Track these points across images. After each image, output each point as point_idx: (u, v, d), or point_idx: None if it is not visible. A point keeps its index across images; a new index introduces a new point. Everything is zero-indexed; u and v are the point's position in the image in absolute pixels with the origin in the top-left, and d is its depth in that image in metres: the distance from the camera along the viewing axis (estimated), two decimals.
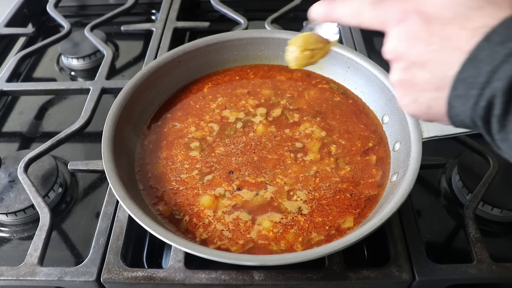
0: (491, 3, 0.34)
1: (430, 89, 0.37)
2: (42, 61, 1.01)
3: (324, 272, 0.54)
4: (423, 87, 0.37)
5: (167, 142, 0.66)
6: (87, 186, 0.72)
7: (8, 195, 0.67)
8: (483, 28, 0.33)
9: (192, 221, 0.57)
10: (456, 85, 0.34)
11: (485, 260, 0.55)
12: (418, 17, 0.36)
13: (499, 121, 0.32)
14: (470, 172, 0.67)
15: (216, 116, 0.70)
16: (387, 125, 0.66)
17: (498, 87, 0.31)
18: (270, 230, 0.56)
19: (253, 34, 0.75)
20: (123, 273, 0.54)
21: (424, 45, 0.36)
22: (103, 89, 0.80)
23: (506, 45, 0.31)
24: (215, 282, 0.53)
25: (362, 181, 0.61)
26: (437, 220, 0.66)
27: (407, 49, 0.37)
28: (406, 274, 0.53)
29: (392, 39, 0.38)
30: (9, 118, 0.87)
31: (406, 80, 0.38)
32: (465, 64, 0.33)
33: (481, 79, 0.32)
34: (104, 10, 1.04)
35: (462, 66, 0.33)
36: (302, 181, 0.61)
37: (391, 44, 0.39)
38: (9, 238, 0.66)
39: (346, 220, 0.57)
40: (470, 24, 0.34)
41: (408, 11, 0.37)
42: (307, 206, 0.58)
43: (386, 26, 0.39)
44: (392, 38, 0.39)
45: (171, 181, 0.61)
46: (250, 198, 0.59)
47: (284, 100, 0.72)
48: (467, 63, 0.33)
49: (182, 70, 0.73)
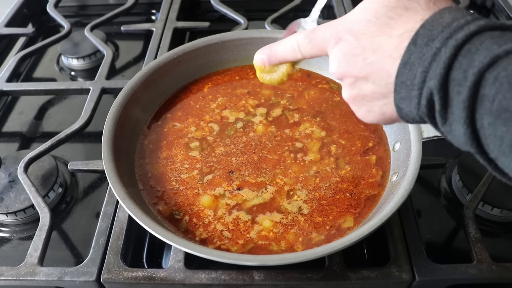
0: (407, 9, 0.37)
1: (378, 97, 0.40)
2: (42, 61, 1.01)
3: (324, 272, 0.54)
4: (371, 97, 0.40)
5: (167, 142, 0.66)
6: (87, 186, 0.72)
7: (8, 195, 0.67)
8: (407, 33, 0.36)
9: (192, 221, 0.57)
10: (398, 89, 0.37)
11: (485, 260, 0.55)
12: (349, 35, 0.39)
13: (441, 115, 0.34)
14: (470, 172, 0.67)
15: (216, 116, 0.70)
16: (387, 125, 0.66)
17: (432, 85, 0.33)
18: (270, 230, 0.56)
19: (253, 34, 0.75)
20: (123, 273, 0.54)
21: (361, 60, 0.39)
22: (103, 89, 0.80)
23: (431, 45, 0.34)
24: (215, 282, 0.53)
25: (362, 181, 0.61)
26: (437, 220, 0.66)
27: (348, 67, 0.40)
28: (406, 274, 0.53)
29: (333, 61, 0.42)
30: (9, 118, 0.87)
31: (355, 94, 0.42)
32: (400, 69, 0.36)
33: (417, 80, 0.35)
34: (104, 10, 1.04)
35: (398, 71, 0.36)
36: (302, 181, 0.61)
37: (333, 66, 0.42)
38: (9, 238, 0.66)
39: (346, 220, 0.57)
40: (395, 32, 0.37)
41: (339, 31, 0.40)
42: (307, 206, 0.58)
43: (325, 50, 0.43)
44: (333, 59, 0.42)
45: (171, 181, 0.61)
46: (250, 198, 0.59)
47: (284, 100, 0.72)
48: (402, 68, 0.36)
49: (182, 70, 0.73)
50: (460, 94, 0.32)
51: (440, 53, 0.33)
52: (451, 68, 0.33)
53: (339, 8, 1.01)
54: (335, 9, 1.01)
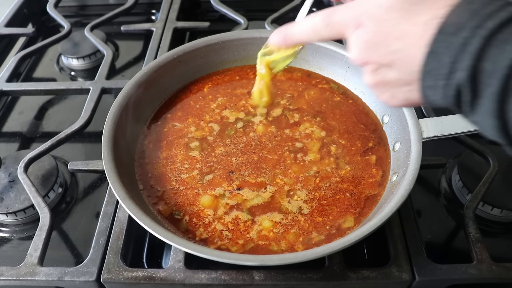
0: None
1: (402, 84, 0.39)
2: (42, 61, 1.01)
3: (324, 272, 0.54)
4: (396, 83, 0.39)
5: (167, 142, 0.66)
6: (87, 186, 0.72)
7: (8, 195, 0.67)
8: (433, 20, 0.34)
9: (192, 221, 0.57)
10: (424, 78, 0.36)
11: (485, 260, 0.55)
12: (370, 21, 0.38)
13: (469, 106, 0.34)
14: (470, 172, 0.67)
15: (216, 116, 0.70)
16: (387, 125, 0.66)
17: (462, 77, 0.32)
18: (271, 230, 0.56)
19: (253, 34, 0.75)
20: (123, 273, 0.54)
21: (384, 47, 0.37)
22: (103, 89, 0.80)
23: (459, 35, 0.32)
24: (215, 282, 0.53)
25: (362, 181, 0.61)
26: (437, 220, 0.66)
27: (370, 54, 0.39)
28: (406, 274, 0.53)
29: (353, 47, 0.40)
30: (9, 118, 0.87)
31: (378, 81, 0.41)
32: (427, 58, 0.35)
33: (445, 71, 0.34)
34: (104, 10, 1.04)
35: (425, 60, 0.35)
36: (302, 181, 0.61)
37: (354, 52, 0.40)
38: (9, 238, 0.66)
39: (347, 220, 0.57)
40: (419, 19, 0.35)
41: (359, 15, 0.38)
42: (307, 206, 0.58)
43: (344, 34, 0.41)
44: (353, 45, 0.40)
45: (171, 181, 0.61)
46: (250, 198, 0.59)
47: (284, 100, 0.72)
48: (429, 57, 0.34)
49: (182, 70, 0.73)
50: (490, 86, 0.31)
51: (469, 43, 0.32)
52: (480, 59, 0.31)
53: None
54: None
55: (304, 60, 0.75)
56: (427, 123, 0.58)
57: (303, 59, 0.75)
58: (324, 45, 0.72)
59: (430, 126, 0.58)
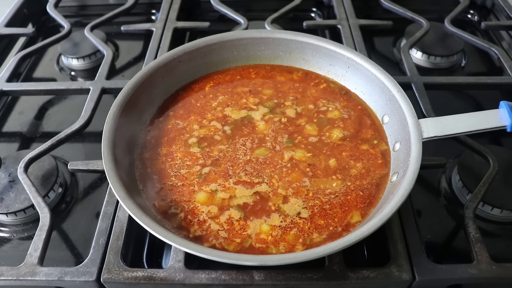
0: None
1: None
2: (42, 61, 1.01)
3: (324, 272, 0.54)
4: None
5: (167, 140, 0.66)
6: (87, 186, 0.72)
7: (8, 195, 0.67)
8: None
9: (187, 218, 0.57)
10: None
11: (485, 260, 0.55)
12: None
13: None
14: (470, 172, 0.67)
15: (217, 114, 0.70)
16: (387, 125, 0.66)
17: None
18: (269, 233, 0.56)
19: (253, 34, 0.75)
20: (123, 273, 0.54)
21: None
22: (103, 89, 0.80)
23: None
24: (215, 282, 0.53)
25: (371, 168, 0.61)
26: (437, 220, 0.66)
27: None
28: (406, 274, 0.53)
29: None
30: (9, 118, 0.87)
31: None
32: None
33: None
34: (104, 10, 1.04)
35: None
36: (302, 181, 0.61)
37: None
38: (9, 238, 0.66)
39: (349, 219, 0.57)
40: None
41: None
42: (307, 207, 0.58)
43: None
44: None
45: (170, 177, 0.61)
46: (248, 197, 0.59)
47: (285, 100, 0.72)
48: None
49: (182, 70, 0.73)
50: None
51: None
52: None
53: (339, 8, 1.01)
54: (335, 9, 1.01)
55: (304, 60, 0.75)
56: (427, 123, 0.58)
57: (303, 59, 0.75)
58: (324, 45, 0.72)
59: (430, 126, 0.58)
